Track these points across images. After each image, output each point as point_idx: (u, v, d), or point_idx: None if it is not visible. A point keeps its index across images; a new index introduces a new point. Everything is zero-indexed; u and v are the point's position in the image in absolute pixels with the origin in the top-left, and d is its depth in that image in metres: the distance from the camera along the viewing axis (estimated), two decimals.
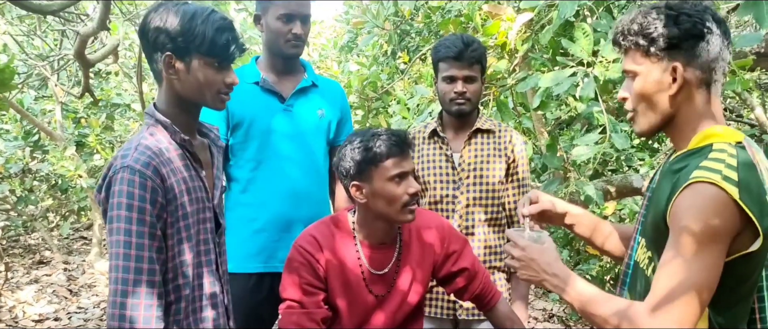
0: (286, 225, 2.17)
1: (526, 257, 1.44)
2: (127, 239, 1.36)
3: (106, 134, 6.35)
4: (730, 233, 1.21)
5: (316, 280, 1.79)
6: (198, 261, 1.51)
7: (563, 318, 5.15)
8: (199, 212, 1.52)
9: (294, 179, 2.18)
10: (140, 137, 1.49)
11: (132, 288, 1.35)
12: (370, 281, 1.84)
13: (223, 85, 1.51)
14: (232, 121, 2.17)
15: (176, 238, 1.46)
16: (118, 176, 1.40)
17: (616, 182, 3.54)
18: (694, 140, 1.32)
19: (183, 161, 1.51)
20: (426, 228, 1.92)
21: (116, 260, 1.37)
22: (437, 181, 2.25)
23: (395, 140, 1.74)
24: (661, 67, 1.30)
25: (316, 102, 2.27)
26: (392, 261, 1.86)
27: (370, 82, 4.42)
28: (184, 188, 1.48)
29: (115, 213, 1.38)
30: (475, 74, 2.16)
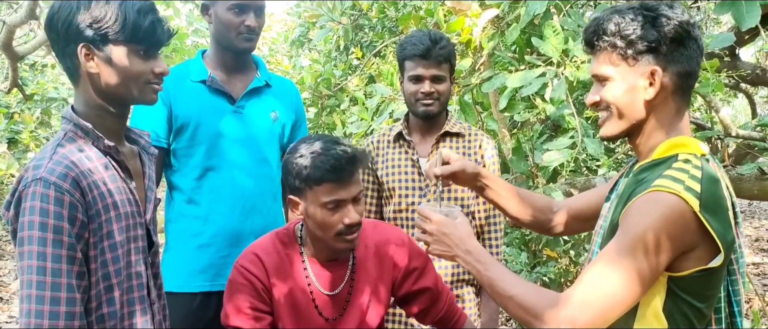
0: (236, 238, 1.98)
1: (438, 231, 1.40)
2: (42, 264, 1.18)
3: (42, 130, 6.02)
4: (679, 247, 1.18)
5: (260, 303, 1.62)
6: (128, 286, 1.33)
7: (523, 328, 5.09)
8: (129, 229, 1.34)
9: (244, 188, 1.99)
10: (56, 144, 1.30)
11: (48, 321, 1.18)
12: (320, 303, 1.67)
13: (152, 74, 1.35)
14: (175, 123, 1.96)
15: (100, 261, 1.27)
16: (30, 190, 1.21)
17: (579, 184, 3.48)
18: (659, 149, 1.28)
19: (108, 171, 1.32)
20: (384, 242, 1.75)
21: (28, 289, 1.18)
22: (402, 188, 2.09)
23: (334, 163, 1.54)
24: (638, 70, 1.26)
25: (269, 103, 2.07)
26: (345, 280, 1.70)
27: (323, 78, 4.25)
28: (110, 202, 1.29)
29: (26, 234, 1.19)
30: (443, 73, 2.02)
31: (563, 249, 4.68)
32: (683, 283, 1.21)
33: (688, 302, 1.22)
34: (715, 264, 1.18)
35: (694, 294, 1.22)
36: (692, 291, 1.21)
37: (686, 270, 1.19)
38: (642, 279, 1.17)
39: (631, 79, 1.27)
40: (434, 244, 1.42)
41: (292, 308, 1.66)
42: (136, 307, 1.36)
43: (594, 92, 1.33)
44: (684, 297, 1.21)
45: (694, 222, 1.16)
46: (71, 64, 1.32)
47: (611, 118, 1.31)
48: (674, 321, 1.23)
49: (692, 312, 1.23)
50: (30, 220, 1.19)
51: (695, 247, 1.18)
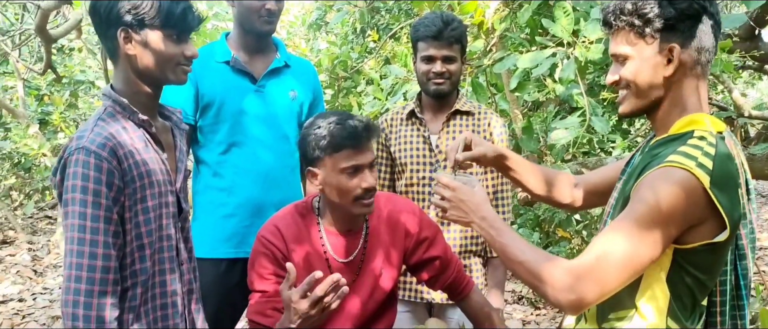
0: (258, 209, 2.10)
1: (455, 198, 1.44)
2: (82, 222, 1.34)
3: (70, 112, 6.19)
4: (688, 221, 1.20)
5: (280, 269, 1.75)
6: (159, 246, 1.48)
7: (532, 300, 5.20)
8: (160, 196, 1.47)
9: (265, 163, 2.11)
10: (97, 118, 1.44)
11: (86, 273, 1.34)
12: (335, 269, 1.79)
13: (183, 57, 1.48)
14: (201, 101, 2.08)
15: (133, 222, 1.42)
16: (73, 158, 1.36)
17: (591, 165, 3.55)
18: (676, 125, 1.30)
19: (142, 143, 1.46)
20: (397, 212, 1.86)
21: (71, 244, 1.34)
22: (414, 164, 2.20)
23: (351, 130, 1.65)
24: (656, 48, 1.28)
25: (289, 83, 2.19)
26: (358, 248, 1.82)
27: (340, 61, 4.35)
28: (143, 170, 1.43)
29: (70, 196, 1.35)
30: (454, 54, 2.11)
31: (575, 229, 4.76)
32: (689, 255, 1.24)
33: (692, 274, 1.25)
34: (721, 238, 1.21)
35: (698, 266, 1.25)
36: (697, 263, 1.25)
37: (693, 242, 1.22)
38: (650, 250, 1.20)
39: (650, 57, 1.28)
40: (451, 210, 1.45)
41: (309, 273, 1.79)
42: (166, 266, 1.50)
43: (613, 71, 1.35)
44: (688, 269, 1.25)
45: (703, 198, 1.18)
46: (111, 46, 1.46)
47: (630, 96, 1.33)
48: (677, 291, 1.27)
49: (695, 283, 1.27)
50: (73, 184, 1.34)
51: (703, 222, 1.21)
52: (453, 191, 1.44)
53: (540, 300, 5.10)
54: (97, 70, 6.80)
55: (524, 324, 4.71)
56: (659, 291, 1.27)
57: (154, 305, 1.48)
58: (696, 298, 1.29)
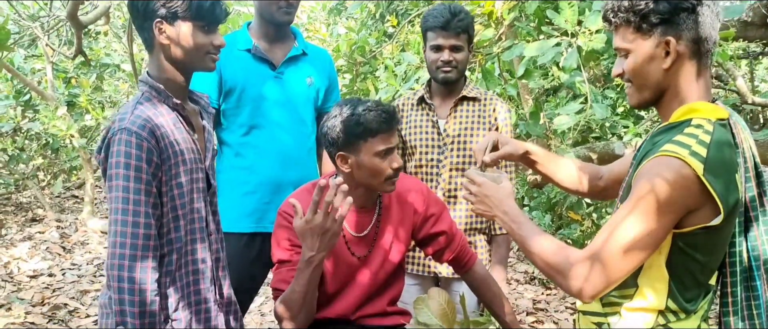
0: (277, 187, 2.25)
1: (481, 193, 1.55)
2: (126, 195, 1.49)
3: (96, 94, 6.36)
4: (684, 208, 1.26)
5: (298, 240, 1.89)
6: (191, 218, 1.63)
7: (544, 281, 5.30)
8: (192, 173, 1.63)
9: (284, 144, 2.26)
10: (136, 102, 1.60)
11: (130, 240, 1.49)
12: (351, 243, 1.94)
13: (212, 46, 1.63)
14: (224, 86, 2.23)
15: (169, 196, 1.58)
16: (117, 138, 1.51)
17: (599, 149, 3.64)
18: (675, 114, 1.35)
19: (176, 125, 1.61)
20: (406, 191, 2.00)
21: (115, 215, 1.50)
22: (423, 146, 2.33)
23: (385, 117, 1.78)
24: (653, 42, 1.32)
25: (306, 70, 2.33)
26: (372, 223, 1.95)
27: (358, 46, 4.46)
28: (177, 150, 1.59)
29: (114, 171, 1.50)
30: (461, 43, 2.23)
31: (586, 211, 4.86)
32: (687, 238, 1.29)
33: (691, 256, 1.30)
34: (716, 222, 1.25)
35: (697, 248, 1.30)
36: (696, 245, 1.30)
37: (690, 226, 1.27)
38: (651, 238, 1.26)
39: (648, 51, 1.32)
40: (477, 204, 1.57)
41: None
42: (197, 236, 1.66)
43: (618, 65, 1.40)
44: (687, 252, 1.30)
45: (696, 185, 1.22)
46: (148, 37, 1.61)
47: (634, 89, 1.38)
48: (677, 273, 1.32)
49: (695, 265, 1.32)
50: (117, 161, 1.50)
51: (700, 207, 1.25)
52: (479, 186, 1.56)
53: (551, 281, 5.21)
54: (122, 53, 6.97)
55: (535, 304, 4.81)
56: (659, 273, 1.33)
57: (187, 271, 1.64)
58: (697, 279, 1.34)
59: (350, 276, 1.96)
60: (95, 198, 6.83)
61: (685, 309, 1.35)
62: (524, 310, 4.64)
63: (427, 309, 1.90)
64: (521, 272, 5.62)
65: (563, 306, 4.74)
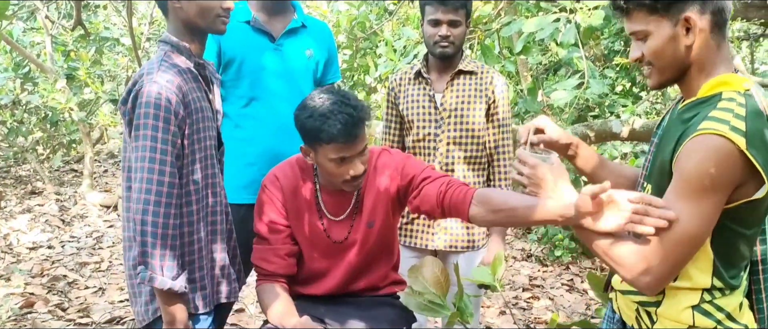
0: (276, 158, 2.25)
1: (534, 175, 1.47)
2: (153, 144, 1.58)
3: (96, 68, 6.35)
4: (733, 184, 1.24)
5: (280, 217, 1.92)
6: (205, 174, 1.73)
7: (541, 259, 5.36)
8: (208, 130, 1.72)
9: (284, 115, 2.27)
10: (160, 59, 1.67)
11: (155, 186, 1.58)
12: (328, 227, 1.95)
13: (221, 9, 1.71)
14: (223, 58, 2.24)
15: (190, 149, 1.67)
16: (146, 89, 1.59)
17: (596, 127, 3.67)
18: (703, 88, 1.32)
19: (197, 83, 1.71)
20: (382, 168, 1.95)
21: (142, 162, 1.58)
22: (420, 120, 2.35)
23: (341, 128, 1.69)
24: (673, 20, 1.30)
25: (305, 42, 2.34)
26: (350, 206, 1.95)
27: (358, 22, 4.45)
28: (199, 106, 1.68)
29: (142, 121, 1.58)
30: (459, 18, 2.24)
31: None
32: (731, 213, 1.27)
33: (735, 230, 1.30)
34: (761, 195, 1.25)
35: (741, 222, 1.30)
36: (740, 219, 1.29)
37: (735, 202, 1.26)
38: (708, 221, 1.25)
39: (669, 31, 1.30)
40: (530, 186, 1.49)
41: (304, 229, 1.94)
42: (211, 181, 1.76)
43: (635, 49, 1.37)
44: (732, 227, 1.29)
45: (741, 160, 1.21)
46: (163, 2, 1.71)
47: (656, 71, 1.35)
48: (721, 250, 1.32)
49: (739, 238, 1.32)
50: (145, 112, 1.58)
51: (745, 182, 1.24)
52: (532, 169, 1.47)
53: (547, 258, 5.27)
54: (121, 27, 6.94)
55: (531, 280, 4.87)
56: (703, 252, 1.31)
57: (207, 211, 1.75)
58: (741, 252, 1.34)
59: (334, 257, 1.98)
60: (94, 172, 6.85)
61: (731, 285, 1.34)
62: (520, 286, 4.70)
63: (421, 277, 1.92)
64: (518, 249, 5.67)
65: (559, 282, 4.80)
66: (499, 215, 1.71)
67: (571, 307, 4.25)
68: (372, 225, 1.96)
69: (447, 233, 2.37)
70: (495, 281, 2.07)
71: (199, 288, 1.73)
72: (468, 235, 2.38)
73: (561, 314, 4.13)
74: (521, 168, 1.50)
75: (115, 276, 4.36)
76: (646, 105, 5.33)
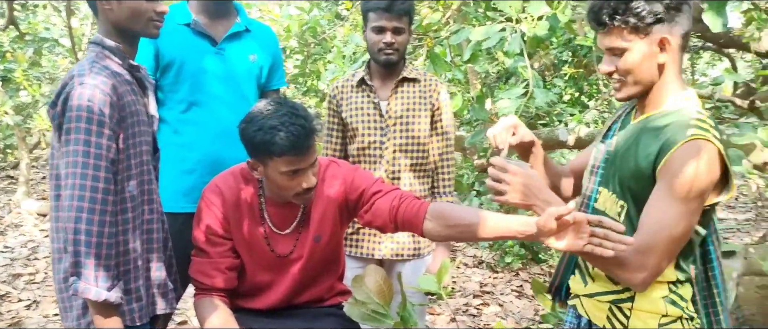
0: (217, 165, 2.19)
1: (517, 182, 1.47)
2: (87, 149, 1.50)
3: (34, 70, 6.11)
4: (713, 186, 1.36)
5: (220, 229, 1.85)
6: (140, 181, 1.65)
7: (492, 265, 5.40)
8: (143, 135, 1.65)
9: (225, 121, 2.21)
10: (91, 60, 1.59)
11: (89, 193, 1.51)
12: (272, 240, 1.88)
13: (154, 12, 1.64)
14: (161, 61, 2.16)
15: (125, 154, 1.60)
16: (76, 92, 1.51)
17: (543, 135, 3.71)
18: (669, 101, 1.44)
19: (130, 86, 1.64)
20: (331, 180, 1.89)
21: (74, 168, 1.50)
22: (365, 128, 2.32)
23: (293, 140, 1.64)
24: (650, 40, 1.40)
25: (249, 46, 2.28)
26: (297, 219, 1.89)
27: (309, 27, 4.40)
28: (133, 110, 1.61)
29: (73, 125, 1.50)
30: (403, 26, 2.22)
31: None
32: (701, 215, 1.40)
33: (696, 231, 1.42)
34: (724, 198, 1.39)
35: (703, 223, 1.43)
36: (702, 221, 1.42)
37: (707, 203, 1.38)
38: (693, 219, 1.36)
39: (645, 49, 1.40)
40: (511, 193, 1.47)
41: (248, 242, 1.87)
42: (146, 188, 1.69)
43: (609, 63, 1.45)
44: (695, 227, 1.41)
45: (720, 163, 1.35)
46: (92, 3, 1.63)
47: (628, 84, 1.45)
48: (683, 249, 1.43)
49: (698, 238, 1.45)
50: (78, 115, 1.49)
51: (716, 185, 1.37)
52: (514, 175, 1.47)
53: (498, 265, 5.31)
54: (62, 28, 6.70)
55: (482, 287, 4.90)
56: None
57: (142, 220, 1.68)
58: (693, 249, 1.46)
59: (278, 271, 1.93)
60: (31, 179, 6.58)
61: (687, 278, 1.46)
62: (471, 293, 4.72)
63: (365, 287, 1.89)
64: (470, 256, 5.71)
65: (509, 288, 4.84)
66: (454, 230, 1.70)
67: (520, 313, 4.29)
68: (319, 240, 1.91)
69: (393, 241, 2.35)
70: (441, 289, 2.07)
71: (135, 300, 1.66)
72: (414, 243, 2.36)
73: (510, 320, 4.16)
74: (502, 175, 1.48)
75: (50, 289, 4.18)
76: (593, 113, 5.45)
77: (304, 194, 1.76)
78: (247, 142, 1.72)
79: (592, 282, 1.56)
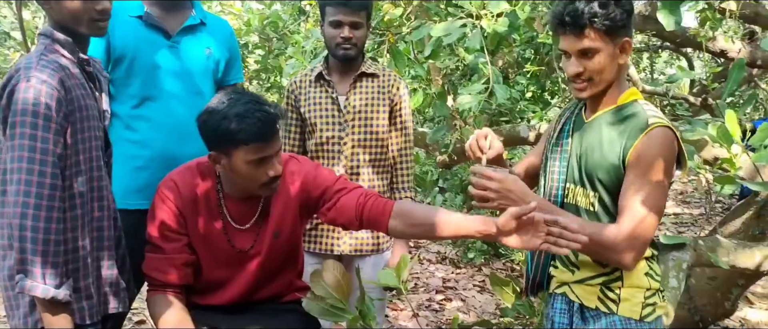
0: (172, 162, 2.14)
1: (503, 188, 1.55)
2: (33, 143, 1.46)
3: None
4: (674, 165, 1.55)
5: (176, 224, 1.82)
6: (90, 177, 1.62)
7: (455, 261, 5.44)
8: (93, 130, 1.61)
9: (179, 116, 2.16)
10: (39, 53, 1.55)
11: (35, 189, 1.47)
12: (232, 235, 1.86)
13: (95, 12, 1.58)
14: (113, 54, 2.11)
15: (74, 150, 1.56)
16: (22, 85, 1.46)
17: (505, 132, 3.75)
18: (622, 97, 1.61)
19: (81, 80, 1.59)
20: (291, 176, 1.89)
21: (20, 163, 1.46)
22: (324, 123, 2.31)
23: (261, 126, 1.64)
24: (614, 43, 1.54)
25: (204, 40, 2.23)
26: (256, 214, 1.87)
27: (270, 21, 4.36)
28: (83, 104, 1.57)
29: (19, 119, 1.46)
30: (361, 20, 2.22)
31: None
32: None
33: None
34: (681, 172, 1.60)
35: None
36: None
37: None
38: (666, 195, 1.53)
39: (611, 51, 1.54)
40: (498, 200, 1.55)
41: (205, 237, 1.85)
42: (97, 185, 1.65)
43: (576, 65, 1.57)
44: None
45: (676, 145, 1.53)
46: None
47: (594, 84, 1.58)
48: None
49: None
50: (23, 108, 1.45)
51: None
52: (499, 182, 1.55)
53: (461, 261, 5.35)
54: (13, 20, 6.49)
55: (445, 282, 4.93)
56: None
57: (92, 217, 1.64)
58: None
59: (236, 267, 1.90)
60: None
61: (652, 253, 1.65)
62: (434, 289, 4.75)
63: (323, 282, 1.89)
64: (433, 252, 5.74)
65: (471, 283, 4.89)
66: (417, 229, 1.74)
67: (482, 307, 4.34)
68: (278, 236, 1.89)
69: (352, 237, 2.34)
70: (400, 283, 2.07)
71: (85, 298, 1.62)
72: (373, 239, 2.36)
73: (472, 314, 4.20)
74: (486, 183, 1.55)
75: None
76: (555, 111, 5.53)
77: (270, 183, 1.74)
78: (210, 133, 1.69)
79: (579, 270, 1.68)
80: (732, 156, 2.11)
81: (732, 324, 3.98)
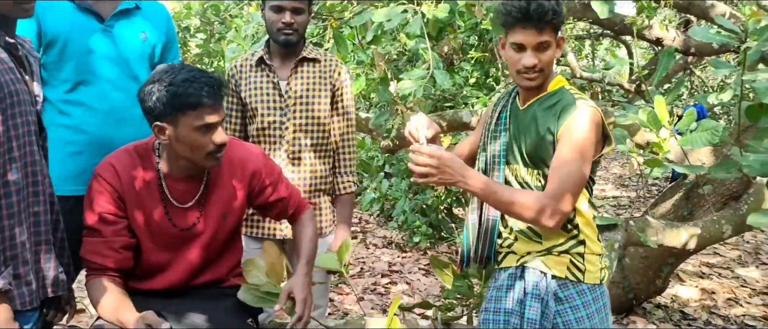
0: (108, 147, 2.10)
1: (441, 164, 1.63)
2: None
3: None
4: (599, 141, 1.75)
5: (114, 208, 1.81)
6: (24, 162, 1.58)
7: (400, 245, 5.51)
8: (25, 114, 1.56)
9: (115, 101, 2.12)
10: None
11: None
12: (173, 214, 1.86)
13: None
14: (44, 38, 2.04)
15: (5, 136, 1.51)
16: None
17: (448, 117, 3.81)
18: (551, 84, 1.80)
19: (9, 65, 1.54)
20: (241, 160, 1.92)
21: None
22: (265, 108, 2.30)
23: (208, 90, 1.67)
24: (556, 38, 1.74)
25: (139, 24, 2.19)
26: (198, 193, 1.88)
27: (212, 5, 4.29)
28: (12, 89, 1.51)
29: None
30: (302, 6, 2.21)
31: None
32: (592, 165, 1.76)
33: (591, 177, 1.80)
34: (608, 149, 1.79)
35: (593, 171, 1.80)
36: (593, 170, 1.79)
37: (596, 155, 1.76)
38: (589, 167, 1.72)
39: (554, 46, 1.74)
40: (438, 175, 1.64)
41: (146, 219, 1.83)
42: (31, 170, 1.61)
43: (532, 57, 1.71)
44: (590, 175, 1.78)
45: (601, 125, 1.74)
46: None
47: (544, 74, 1.75)
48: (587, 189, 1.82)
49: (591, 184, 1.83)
50: None
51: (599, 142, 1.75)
52: (438, 159, 1.63)
53: (406, 245, 5.43)
54: None
55: (390, 266, 4.99)
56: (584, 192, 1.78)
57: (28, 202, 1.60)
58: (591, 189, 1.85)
59: (176, 248, 1.89)
60: None
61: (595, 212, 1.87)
62: (380, 272, 4.80)
63: (256, 269, 1.90)
64: (380, 237, 5.80)
65: (416, 267, 4.97)
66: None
67: (427, 290, 4.42)
68: (226, 218, 1.91)
69: None
70: (342, 266, 2.10)
71: (24, 284, 1.58)
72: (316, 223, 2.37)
73: (417, 296, 4.27)
74: (426, 160, 1.63)
75: None
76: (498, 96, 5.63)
77: (216, 152, 1.75)
78: (155, 102, 1.68)
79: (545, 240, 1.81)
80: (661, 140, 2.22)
81: (663, 301, 4.19)
